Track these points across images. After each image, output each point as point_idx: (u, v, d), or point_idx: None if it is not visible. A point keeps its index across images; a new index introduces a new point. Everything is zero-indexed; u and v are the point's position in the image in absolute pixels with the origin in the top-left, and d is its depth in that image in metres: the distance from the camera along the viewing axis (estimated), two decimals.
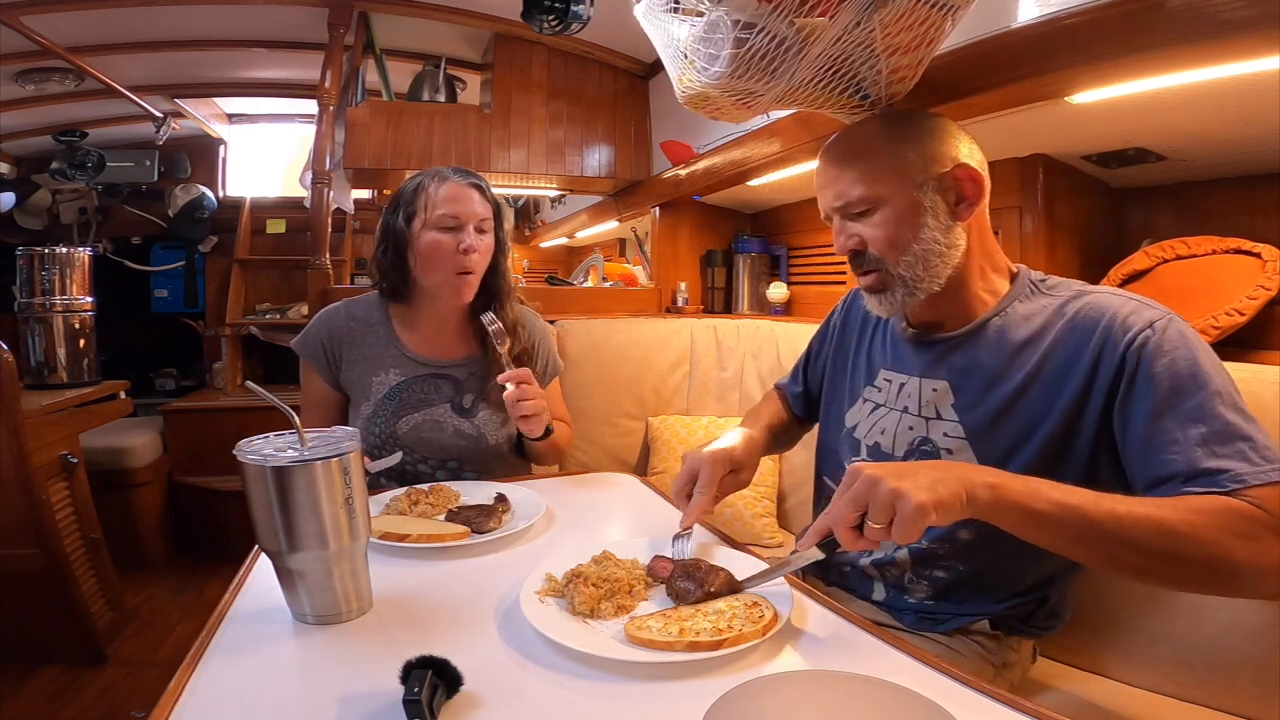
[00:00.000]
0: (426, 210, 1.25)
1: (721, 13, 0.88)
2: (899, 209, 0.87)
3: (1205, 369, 0.72)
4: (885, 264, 0.89)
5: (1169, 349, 0.74)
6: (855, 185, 0.89)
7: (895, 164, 0.88)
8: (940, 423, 0.90)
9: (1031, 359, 0.84)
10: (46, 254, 2.20)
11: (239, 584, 0.81)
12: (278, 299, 3.45)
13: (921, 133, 0.89)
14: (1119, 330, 0.77)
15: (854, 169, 0.89)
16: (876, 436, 0.97)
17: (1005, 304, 0.89)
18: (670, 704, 0.59)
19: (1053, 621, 0.93)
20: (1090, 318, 0.81)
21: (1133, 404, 0.75)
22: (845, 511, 0.66)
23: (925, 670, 0.64)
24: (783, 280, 2.46)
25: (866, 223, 0.90)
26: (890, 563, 0.94)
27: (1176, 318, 0.77)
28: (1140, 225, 1.60)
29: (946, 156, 0.87)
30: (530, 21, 1.75)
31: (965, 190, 0.88)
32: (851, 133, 0.95)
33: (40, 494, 1.80)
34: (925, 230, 0.87)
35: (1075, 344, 0.81)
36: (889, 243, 0.88)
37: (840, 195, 0.90)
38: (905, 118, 0.92)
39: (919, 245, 0.87)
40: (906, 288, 0.89)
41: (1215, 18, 0.86)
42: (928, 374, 0.93)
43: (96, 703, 1.79)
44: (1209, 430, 0.69)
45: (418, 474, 1.30)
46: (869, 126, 0.94)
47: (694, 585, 0.74)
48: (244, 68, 2.88)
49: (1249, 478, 0.66)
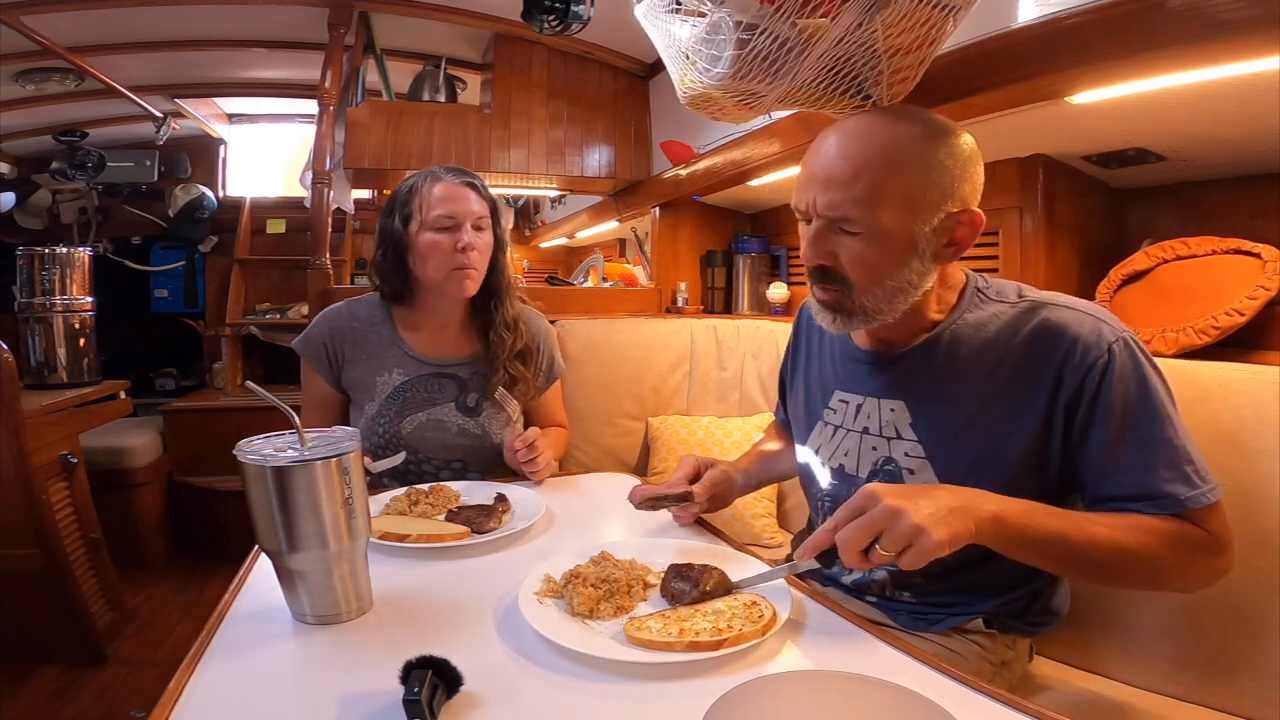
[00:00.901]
0: (423, 211, 1.25)
1: (724, 14, 0.88)
2: (891, 241, 0.80)
3: (1155, 395, 0.77)
4: (853, 290, 0.84)
5: (1124, 375, 0.76)
6: (859, 204, 0.79)
7: (914, 191, 0.79)
8: (900, 442, 0.88)
9: (986, 374, 0.83)
10: (46, 254, 2.20)
11: (239, 584, 0.81)
12: (278, 299, 3.45)
13: (954, 161, 0.80)
14: (1079, 353, 0.77)
15: (866, 181, 0.79)
16: (840, 459, 0.95)
17: (955, 317, 0.87)
18: (670, 704, 0.59)
19: (1048, 618, 0.93)
20: (1048, 337, 0.79)
21: (1091, 429, 0.78)
22: (858, 536, 0.66)
23: (925, 670, 0.64)
24: (783, 280, 2.46)
25: (850, 242, 0.82)
26: (868, 584, 0.95)
27: (1129, 337, 0.78)
28: (1140, 225, 1.60)
29: (961, 196, 0.80)
30: (530, 21, 1.75)
31: (960, 236, 0.82)
32: (874, 130, 0.82)
33: (40, 494, 1.80)
34: (905, 270, 0.81)
35: (1035, 364, 0.80)
36: (866, 273, 0.82)
37: (835, 206, 0.80)
38: (942, 135, 0.81)
39: (893, 282, 0.82)
40: (865, 316, 0.85)
41: (1215, 18, 0.86)
42: (884, 394, 0.91)
43: (96, 703, 1.78)
44: (1157, 456, 0.75)
45: (421, 474, 1.30)
46: (898, 128, 0.81)
47: (689, 585, 0.74)
48: (244, 68, 2.88)
49: (1190, 502, 0.74)
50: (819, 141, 0.85)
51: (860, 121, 0.84)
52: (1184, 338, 1.20)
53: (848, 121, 0.84)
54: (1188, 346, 1.19)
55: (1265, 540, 0.88)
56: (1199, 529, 0.74)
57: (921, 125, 0.81)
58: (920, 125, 0.81)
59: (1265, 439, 0.89)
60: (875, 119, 0.84)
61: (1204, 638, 0.93)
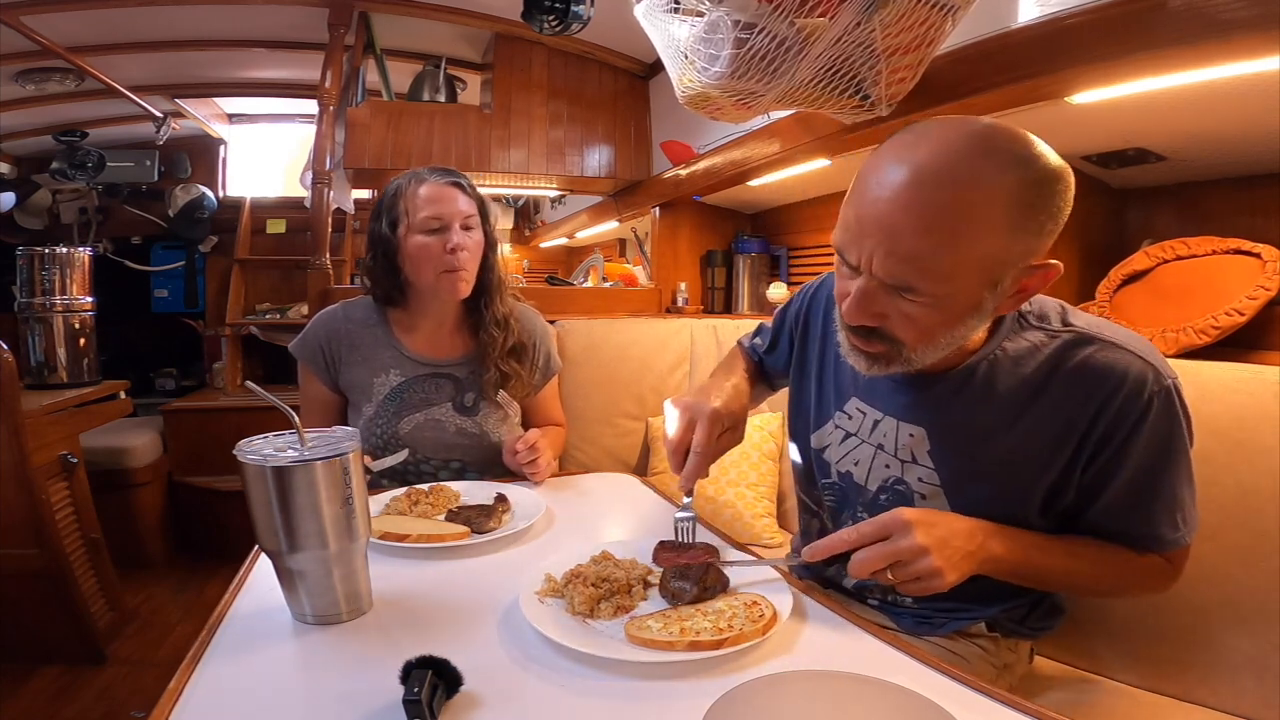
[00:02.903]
0: (410, 214, 1.24)
1: (722, 13, 0.88)
2: (955, 305, 0.69)
3: (1177, 448, 0.77)
4: (901, 348, 0.74)
5: (1156, 427, 0.75)
6: (929, 276, 0.66)
7: (997, 258, 0.66)
8: (915, 467, 0.85)
9: (1019, 410, 0.78)
10: (46, 254, 2.20)
11: (239, 584, 0.81)
12: (278, 299, 3.44)
13: (1049, 215, 0.66)
14: (1120, 399, 0.74)
15: (942, 248, 0.65)
16: (849, 466, 0.92)
17: (993, 346, 0.79)
18: (670, 703, 0.59)
19: (1050, 621, 0.93)
20: (1092, 379, 0.74)
21: (1108, 472, 0.78)
22: (877, 562, 0.69)
23: (925, 670, 0.64)
24: (783, 280, 2.47)
25: (905, 306, 0.70)
26: (871, 587, 0.94)
27: (1173, 385, 0.75)
28: (1140, 225, 1.60)
29: (1044, 250, 0.69)
30: (530, 21, 1.75)
31: (1029, 286, 0.71)
32: (961, 176, 0.64)
33: (40, 494, 1.80)
34: (962, 328, 0.72)
35: (1074, 404, 0.75)
36: (920, 335, 0.72)
37: (896, 274, 0.67)
38: (1046, 186, 0.66)
39: (946, 340, 0.73)
40: (906, 366, 0.76)
41: (1215, 18, 0.86)
42: (904, 417, 0.85)
43: (96, 703, 1.78)
44: (1160, 504, 0.78)
45: (420, 474, 1.30)
46: (994, 179, 0.64)
47: (689, 584, 0.74)
48: (244, 68, 2.88)
49: (1170, 545, 0.79)
50: (880, 173, 0.67)
51: (940, 158, 0.65)
52: (1184, 338, 1.20)
53: (921, 153, 0.65)
54: (1188, 346, 1.19)
55: (1265, 540, 0.88)
56: (1164, 560, 0.81)
57: (1020, 173, 0.64)
58: (1019, 173, 0.64)
59: (1265, 439, 0.89)
60: (960, 157, 0.64)
61: (1204, 638, 0.93)
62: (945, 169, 0.64)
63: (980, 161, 0.65)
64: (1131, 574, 0.81)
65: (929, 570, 0.67)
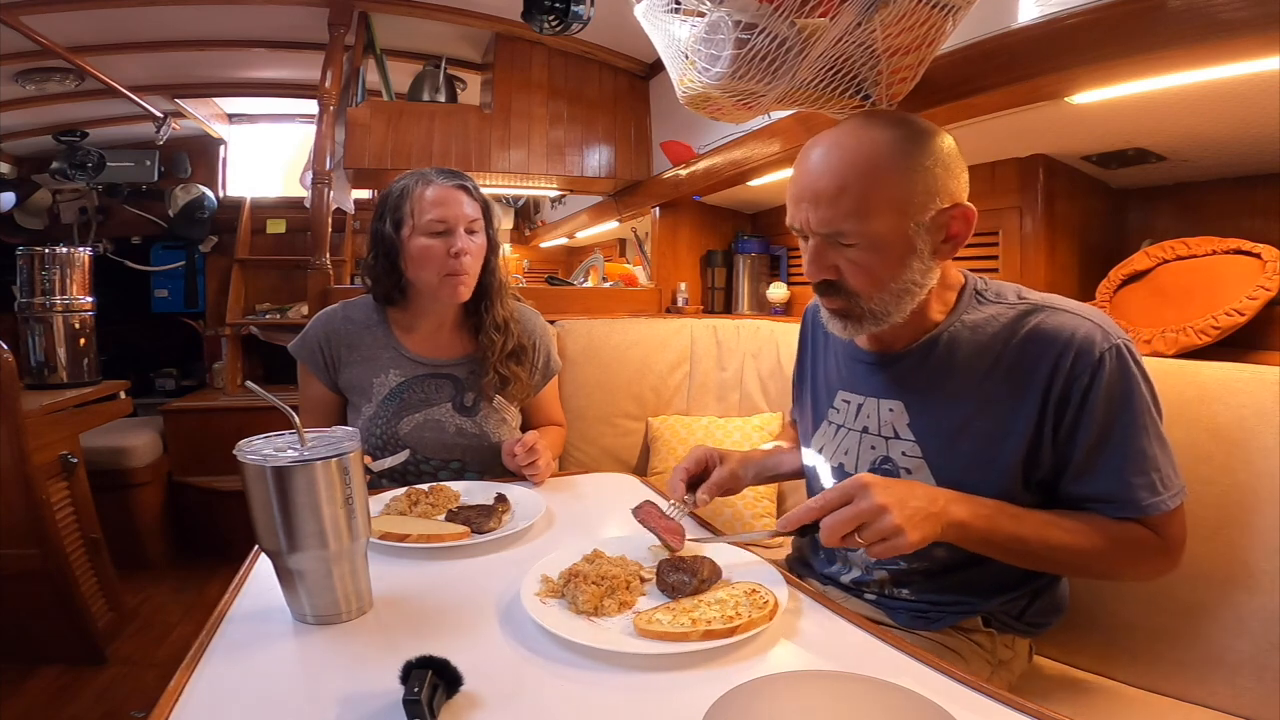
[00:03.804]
0: (414, 216, 1.24)
1: (723, 13, 0.88)
2: (888, 246, 0.81)
3: (1137, 404, 0.78)
4: (858, 298, 0.85)
5: (1111, 383, 0.78)
6: (850, 217, 0.80)
7: (900, 196, 0.80)
8: (898, 442, 0.90)
9: (982, 376, 0.84)
10: (47, 254, 2.20)
11: (239, 584, 0.81)
12: (278, 299, 3.44)
13: (934, 160, 0.81)
14: (1070, 358, 0.79)
15: (852, 195, 0.80)
16: (840, 457, 0.97)
17: (953, 319, 0.88)
18: (673, 695, 0.60)
19: (1047, 618, 0.93)
20: (1043, 340, 0.80)
21: (1075, 433, 0.80)
22: (843, 525, 0.71)
23: (925, 670, 0.64)
24: (783, 280, 2.46)
25: (848, 253, 0.83)
26: (868, 581, 0.95)
27: (1124, 344, 0.79)
28: (1140, 226, 1.60)
29: (949, 192, 0.81)
30: (530, 22, 1.75)
31: (955, 230, 0.83)
32: (852, 142, 0.82)
33: (40, 494, 1.80)
34: (907, 271, 0.82)
35: (1029, 366, 0.81)
36: (869, 280, 0.83)
37: (828, 223, 0.81)
38: (920, 137, 0.82)
39: (896, 284, 0.83)
40: (874, 320, 0.86)
41: (1215, 18, 0.86)
42: (883, 395, 0.92)
43: (96, 703, 1.78)
44: (1129, 463, 0.78)
45: (420, 474, 1.30)
46: (875, 136, 0.82)
47: (688, 576, 0.75)
48: (244, 68, 2.88)
49: (1150, 508, 0.78)
50: (802, 157, 0.86)
51: (838, 134, 0.84)
52: (1184, 338, 1.20)
53: (826, 135, 0.85)
54: (1188, 346, 1.19)
55: (1265, 540, 0.88)
56: (1151, 533, 0.80)
57: (898, 129, 0.82)
58: (897, 130, 0.82)
59: (1265, 439, 0.89)
60: (853, 128, 0.84)
61: (1204, 638, 0.93)
62: (842, 140, 0.83)
63: (868, 128, 0.83)
64: (1118, 547, 0.79)
65: (891, 528, 0.70)
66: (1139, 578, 0.89)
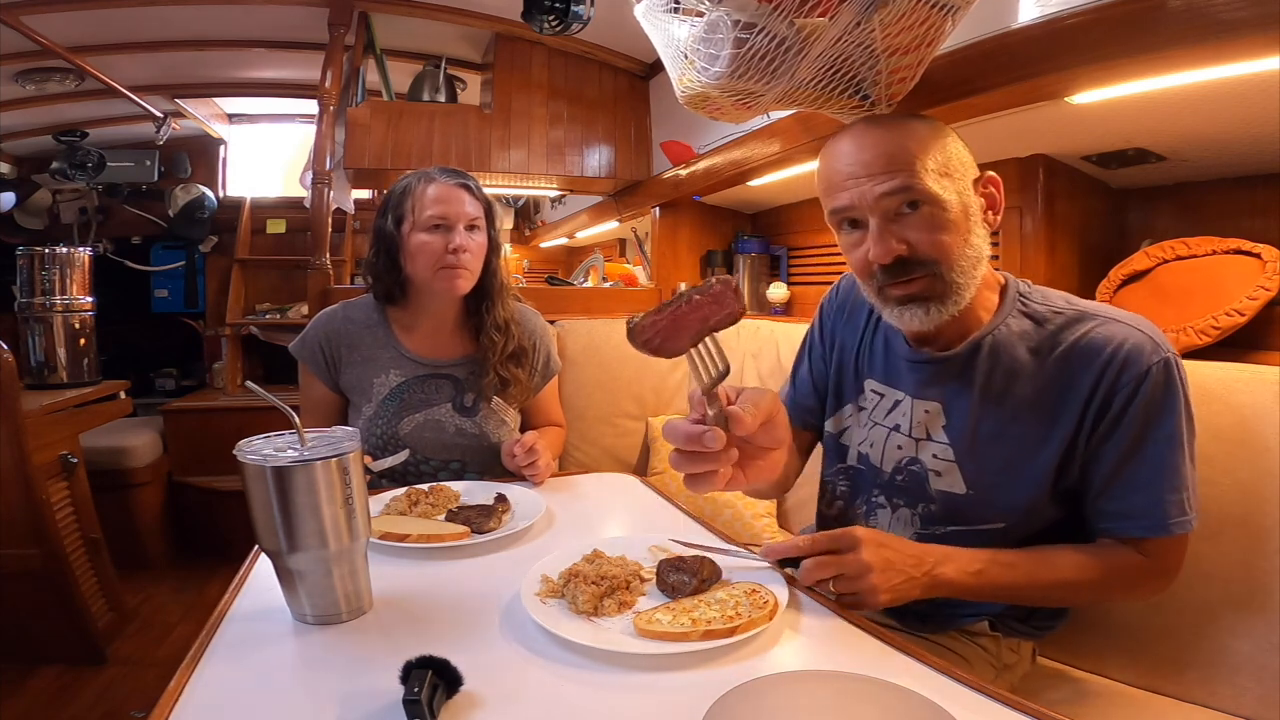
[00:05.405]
0: (415, 212, 1.25)
1: (722, 13, 0.88)
2: (954, 209, 0.81)
3: (1175, 420, 0.77)
4: (939, 268, 0.81)
5: (1154, 397, 0.77)
6: (912, 175, 0.79)
7: (945, 160, 0.81)
8: (930, 444, 0.89)
9: (1026, 382, 0.83)
10: (47, 254, 2.20)
11: (239, 584, 0.81)
12: (278, 299, 3.45)
13: (953, 139, 0.85)
14: (1117, 368, 0.78)
15: (904, 159, 0.79)
16: (865, 448, 0.96)
17: (998, 321, 0.86)
18: (673, 696, 0.59)
19: (1053, 621, 0.93)
20: (1092, 350, 0.79)
21: (1107, 442, 0.79)
22: (822, 573, 0.74)
23: (926, 671, 0.64)
24: (783, 280, 2.46)
25: (914, 220, 0.80)
26: None
27: (1172, 358, 0.78)
28: (1140, 226, 1.59)
29: (973, 163, 0.85)
30: (530, 22, 1.75)
31: (994, 196, 0.86)
32: (882, 124, 0.85)
33: (40, 494, 1.80)
34: (973, 236, 0.83)
35: (1075, 375, 0.80)
36: (945, 244, 0.80)
37: (889, 190, 0.79)
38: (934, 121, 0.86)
39: (970, 250, 0.82)
40: (956, 295, 0.82)
41: (1215, 18, 0.86)
42: (920, 394, 0.91)
43: (96, 703, 1.78)
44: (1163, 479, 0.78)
45: (420, 474, 1.30)
46: (898, 119, 0.86)
47: (689, 576, 0.75)
48: (244, 68, 2.88)
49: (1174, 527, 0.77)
50: (831, 150, 0.87)
51: (862, 123, 0.87)
52: (1184, 338, 1.20)
53: (851, 128, 0.87)
54: (1188, 346, 1.19)
55: (1265, 540, 0.88)
56: (1144, 558, 0.80)
57: (916, 118, 0.87)
58: (915, 118, 0.87)
59: (1265, 439, 0.89)
60: (876, 120, 0.87)
61: (1205, 638, 0.93)
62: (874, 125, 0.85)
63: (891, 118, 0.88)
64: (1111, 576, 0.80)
65: (867, 588, 0.72)
66: (1136, 599, 0.92)
